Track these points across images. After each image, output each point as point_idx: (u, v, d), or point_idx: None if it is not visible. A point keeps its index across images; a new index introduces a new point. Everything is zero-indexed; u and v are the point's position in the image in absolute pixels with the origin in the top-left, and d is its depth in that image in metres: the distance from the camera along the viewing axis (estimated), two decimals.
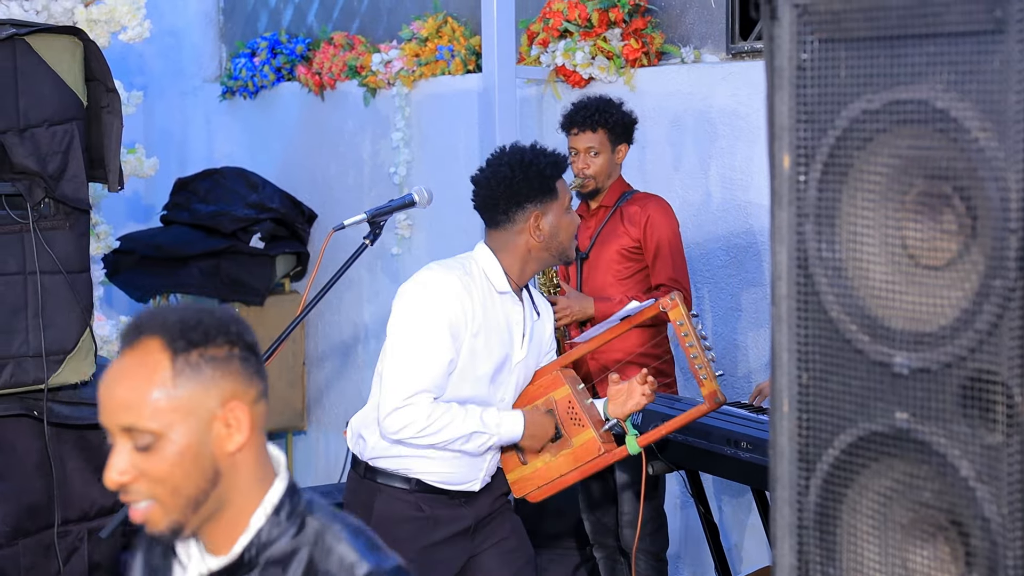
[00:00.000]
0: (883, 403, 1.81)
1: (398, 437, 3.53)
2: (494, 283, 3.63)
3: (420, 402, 3.50)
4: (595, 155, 4.86)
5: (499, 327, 3.62)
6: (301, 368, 7.44)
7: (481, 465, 3.70)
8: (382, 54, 6.80)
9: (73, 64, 4.19)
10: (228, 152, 7.93)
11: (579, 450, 3.70)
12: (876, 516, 1.85)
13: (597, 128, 4.84)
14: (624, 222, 4.89)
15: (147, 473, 1.88)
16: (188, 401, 1.89)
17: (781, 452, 1.95)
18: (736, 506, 5.51)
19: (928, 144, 1.71)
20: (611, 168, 4.89)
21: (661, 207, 4.92)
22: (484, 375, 3.61)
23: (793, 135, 1.86)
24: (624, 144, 4.92)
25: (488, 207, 3.67)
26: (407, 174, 6.80)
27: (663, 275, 4.84)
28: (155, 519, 1.90)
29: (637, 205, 4.90)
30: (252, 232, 7.14)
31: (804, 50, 1.84)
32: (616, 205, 4.92)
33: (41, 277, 4.11)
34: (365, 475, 3.69)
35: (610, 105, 4.88)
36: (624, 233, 4.89)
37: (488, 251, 3.67)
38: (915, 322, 1.77)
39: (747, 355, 5.41)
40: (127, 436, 1.88)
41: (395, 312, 3.59)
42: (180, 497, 1.90)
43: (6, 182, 4.07)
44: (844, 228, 1.84)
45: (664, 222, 4.88)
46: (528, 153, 3.65)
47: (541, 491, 3.78)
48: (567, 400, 3.72)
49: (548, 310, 3.92)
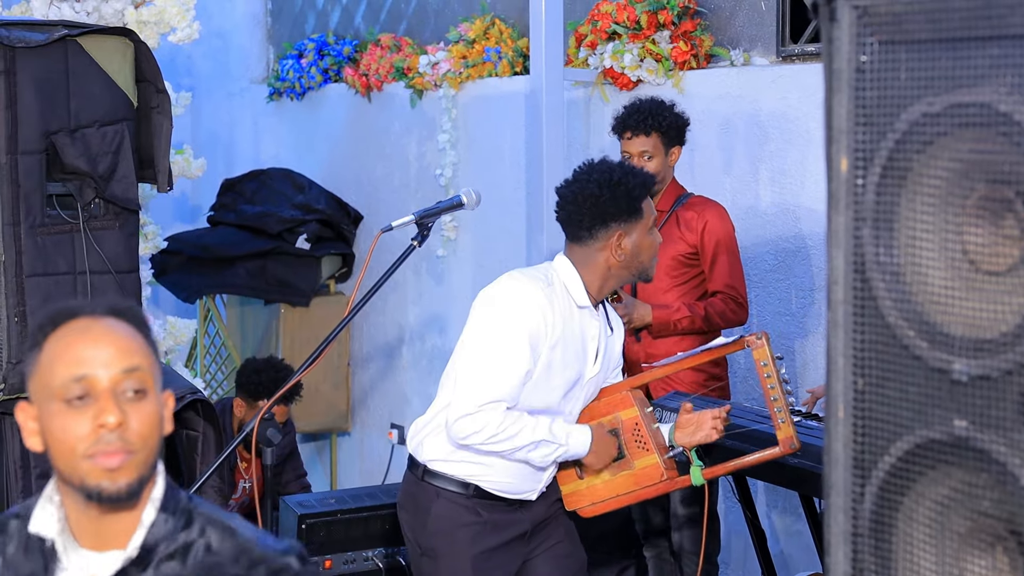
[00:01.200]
0: (941, 410, 1.78)
1: (466, 442, 3.51)
2: (574, 297, 3.60)
3: (493, 410, 3.47)
4: (649, 159, 4.83)
5: (575, 341, 3.60)
6: (346, 369, 7.45)
7: (541, 477, 3.69)
8: (429, 56, 6.80)
9: (124, 65, 4.21)
10: (274, 153, 7.96)
11: (640, 473, 3.68)
12: (933, 525, 1.83)
13: (651, 131, 4.81)
14: (681, 227, 4.86)
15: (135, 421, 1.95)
16: (155, 371, 2.01)
17: (836, 458, 1.93)
18: (783, 512, 5.47)
19: (990, 148, 1.69)
20: (665, 171, 4.86)
21: (718, 212, 4.88)
22: (558, 388, 3.59)
23: (851, 138, 1.84)
24: (677, 146, 4.88)
25: (572, 222, 3.63)
26: (453, 176, 6.80)
27: (720, 282, 4.80)
28: (128, 470, 1.95)
29: (694, 211, 4.86)
30: (298, 233, 7.16)
31: (863, 52, 1.82)
32: (672, 209, 4.88)
33: (91, 277, 4.13)
34: (423, 478, 3.68)
35: (663, 107, 4.84)
36: (680, 239, 4.85)
37: (569, 264, 3.63)
38: (975, 328, 1.74)
39: (795, 360, 5.37)
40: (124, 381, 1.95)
41: (475, 317, 3.56)
42: (149, 454, 1.97)
43: (57, 182, 4.10)
44: (902, 232, 1.81)
45: (722, 228, 4.85)
46: (617, 172, 3.61)
47: (595, 508, 3.76)
48: (634, 421, 3.70)
49: (620, 326, 3.89)
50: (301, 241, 7.15)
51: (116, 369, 1.95)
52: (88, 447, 1.92)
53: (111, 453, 1.93)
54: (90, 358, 1.94)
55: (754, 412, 4.34)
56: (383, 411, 7.34)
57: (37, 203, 4.02)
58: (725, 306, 4.79)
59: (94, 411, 1.93)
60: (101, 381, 1.94)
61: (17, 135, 3.98)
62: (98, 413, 1.93)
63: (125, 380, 1.95)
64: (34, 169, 4.02)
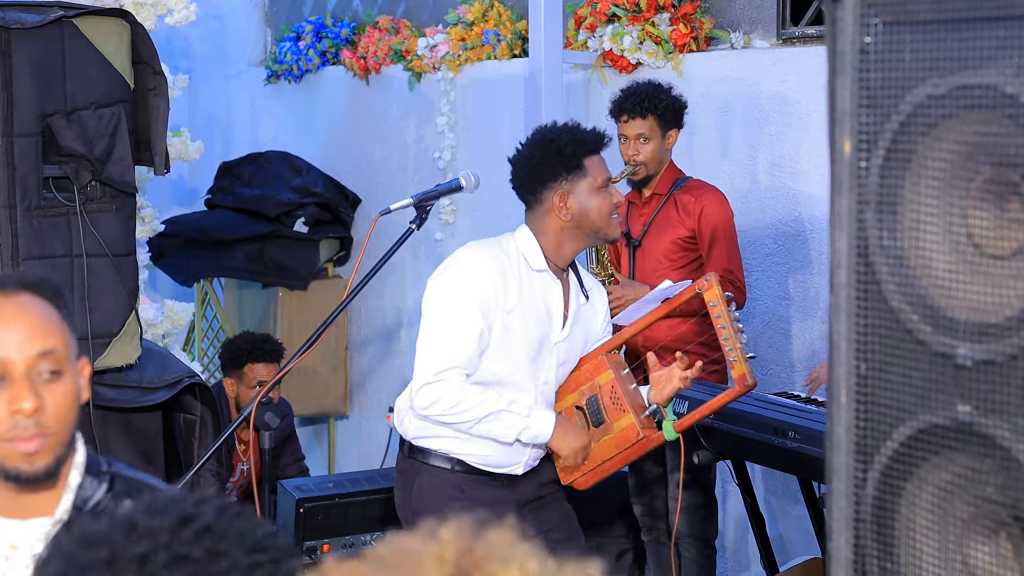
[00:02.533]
0: (945, 395, 1.77)
1: (427, 413, 3.54)
2: (530, 261, 3.62)
3: (451, 378, 3.51)
4: (645, 141, 4.81)
5: (536, 305, 3.61)
6: (344, 353, 7.44)
7: (523, 450, 3.68)
8: (428, 38, 6.77)
9: (120, 46, 4.19)
10: (272, 136, 7.93)
11: (619, 436, 3.69)
12: (935, 510, 1.82)
13: (647, 114, 4.80)
14: (679, 211, 4.84)
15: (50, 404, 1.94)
16: (70, 347, 2.02)
17: (838, 443, 1.92)
18: (782, 496, 5.46)
19: (996, 130, 1.67)
20: (662, 154, 4.84)
21: (716, 197, 4.87)
22: (521, 354, 3.60)
23: (855, 120, 1.82)
24: (674, 129, 4.87)
25: (519, 189, 3.73)
26: (451, 159, 6.78)
27: (717, 266, 4.79)
28: (46, 453, 1.95)
29: (691, 195, 4.85)
30: (296, 216, 7.14)
31: (867, 33, 1.80)
32: (670, 193, 4.87)
33: (87, 260, 4.11)
34: (409, 454, 3.71)
35: (659, 90, 4.83)
36: (679, 223, 4.84)
37: (527, 231, 3.68)
38: (979, 312, 1.73)
39: (793, 343, 5.36)
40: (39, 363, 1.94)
41: (428, 290, 3.63)
42: (66, 434, 1.98)
43: (53, 165, 4.07)
44: (906, 216, 1.80)
45: (719, 213, 4.83)
46: (552, 132, 3.65)
47: (587, 478, 3.76)
48: (610, 385, 3.70)
49: (601, 295, 3.87)
50: (299, 224, 7.12)
51: (31, 352, 1.94)
52: (5, 431, 1.92)
53: (28, 439, 1.93)
54: (4, 340, 1.94)
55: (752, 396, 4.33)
56: (381, 395, 7.32)
57: (33, 186, 4.00)
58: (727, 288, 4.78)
59: (9, 396, 1.92)
60: (16, 364, 1.93)
61: (13, 117, 3.96)
62: (13, 398, 1.92)
63: (40, 363, 1.94)
64: (30, 151, 4.00)
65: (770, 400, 4.27)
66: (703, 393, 4.26)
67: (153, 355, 4.40)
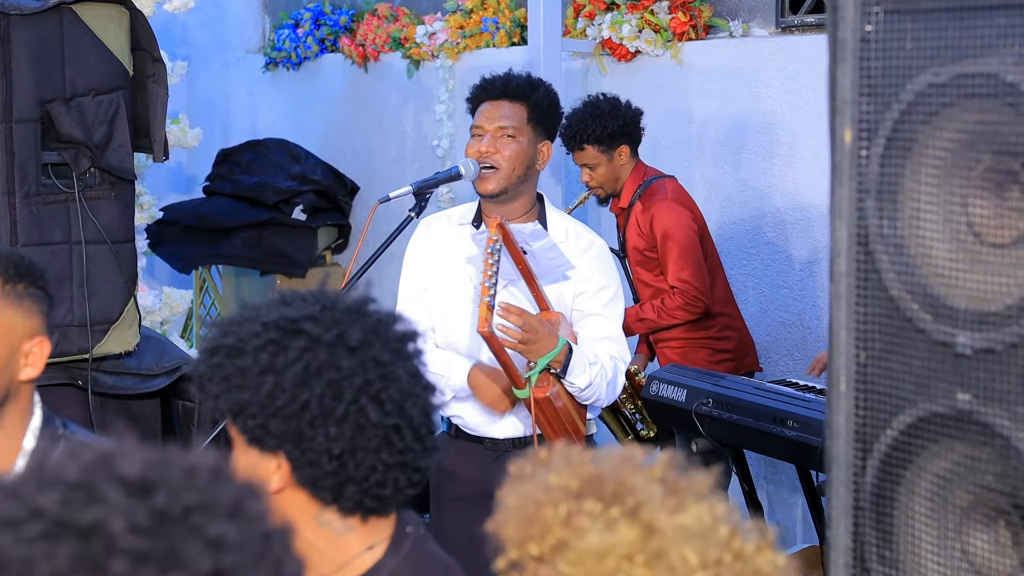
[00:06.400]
0: (944, 383, 1.77)
1: None
2: (461, 218, 3.71)
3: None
4: (592, 168, 4.82)
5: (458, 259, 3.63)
6: None
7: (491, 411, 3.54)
8: (426, 26, 6.76)
9: (119, 33, 4.18)
10: (271, 123, 7.93)
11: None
12: (934, 499, 1.82)
13: (583, 145, 4.79)
14: (637, 223, 4.81)
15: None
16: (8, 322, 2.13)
17: (838, 432, 1.92)
18: (780, 485, 5.47)
19: (996, 119, 1.67)
20: (616, 172, 4.83)
21: (664, 206, 4.74)
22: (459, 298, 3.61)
23: (856, 109, 1.82)
24: (622, 146, 4.81)
25: None
26: (450, 147, 6.77)
27: (673, 276, 4.73)
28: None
29: (644, 204, 4.79)
30: (294, 204, 7.14)
31: (868, 21, 1.80)
32: (631, 204, 4.85)
33: (86, 247, 4.11)
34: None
35: (592, 118, 4.76)
36: (638, 235, 4.82)
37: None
38: (979, 301, 1.73)
39: (793, 332, 5.36)
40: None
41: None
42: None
43: (52, 151, 4.07)
44: (907, 204, 1.80)
45: (667, 220, 4.72)
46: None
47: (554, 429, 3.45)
48: None
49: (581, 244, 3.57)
50: (297, 212, 7.12)
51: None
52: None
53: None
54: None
55: (751, 385, 4.34)
56: None
57: (32, 172, 4.00)
58: (675, 303, 4.71)
59: None
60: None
61: (12, 103, 3.95)
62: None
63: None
64: (29, 138, 4.00)
65: (769, 388, 4.27)
66: (708, 383, 4.28)
67: (151, 342, 4.40)
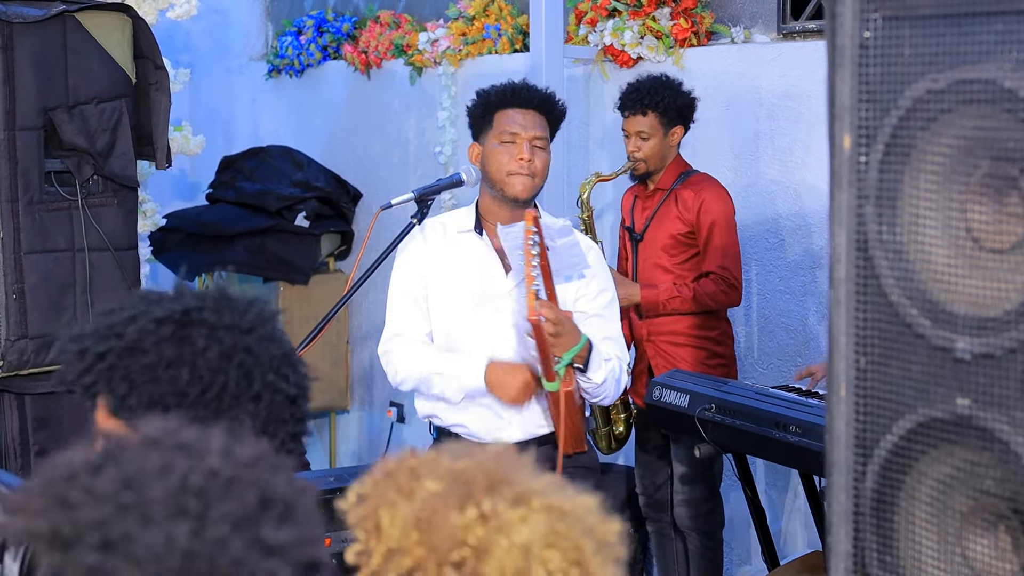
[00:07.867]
0: (944, 389, 1.77)
1: (395, 382, 3.65)
2: (458, 226, 3.68)
3: (394, 347, 3.63)
4: (645, 139, 4.80)
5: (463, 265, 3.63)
6: (345, 347, 7.44)
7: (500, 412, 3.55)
8: (428, 33, 6.77)
9: (122, 41, 4.20)
10: (273, 130, 7.93)
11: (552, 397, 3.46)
12: (934, 504, 1.82)
13: (647, 111, 4.78)
14: (679, 206, 4.83)
15: None
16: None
17: (838, 437, 1.92)
18: (783, 490, 5.47)
19: (995, 125, 1.68)
20: (664, 151, 4.83)
21: (716, 192, 4.84)
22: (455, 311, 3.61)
23: (854, 115, 1.83)
24: (679, 127, 4.84)
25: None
26: (452, 154, 6.78)
27: (713, 262, 4.76)
28: None
29: (692, 189, 4.83)
30: (297, 211, 7.14)
31: (867, 28, 1.80)
32: (672, 188, 4.85)
33: (89, 254, 4.12)
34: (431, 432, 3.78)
35: (663, 87, 4.80)
36: (677, 217, 4.82)
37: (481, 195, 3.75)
38: (978, 307, 1.73)
39: (795, 337, 5.37)
40: None
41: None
42: None
43: (55, 159, 4.09)
44: (905, 210, 1.80)
45: (718, 207, 4.80)
46: (480, 92, 3.72)
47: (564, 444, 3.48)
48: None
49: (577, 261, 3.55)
50: (300, 219, 7.13)
51: None
52: None
53: None
54: None
55: (753, 390, 4.34)
56: (382, 389, 7.33)
57: (35, 180, 4.01)
58: (716, 287, 4.76)
59: None
60: None
61: (15, 111, 3.97)
62: None
63: None
64: (32, 145, 4.01)
65: (771, 394, 4.27)
66: (711, 388, 4.28)
67: None
